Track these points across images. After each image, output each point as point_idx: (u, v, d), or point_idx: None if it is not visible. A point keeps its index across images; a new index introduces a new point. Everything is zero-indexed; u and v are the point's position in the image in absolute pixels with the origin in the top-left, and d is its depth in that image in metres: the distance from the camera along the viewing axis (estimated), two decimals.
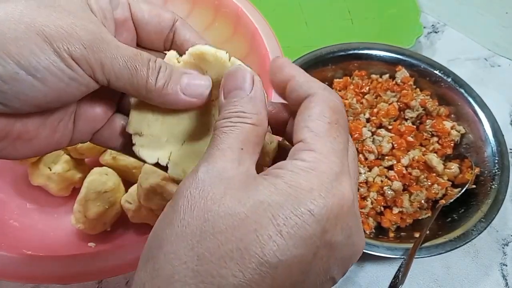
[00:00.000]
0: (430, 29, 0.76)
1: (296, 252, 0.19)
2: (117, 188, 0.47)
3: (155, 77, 0.25)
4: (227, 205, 0.20)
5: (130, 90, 0.25)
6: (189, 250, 0.19)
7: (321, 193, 0.20)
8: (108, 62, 0.23)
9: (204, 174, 0.21)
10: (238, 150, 0.22)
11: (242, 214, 0.20)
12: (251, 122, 0.23)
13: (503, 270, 0.52)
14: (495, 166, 0.51)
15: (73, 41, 0.22)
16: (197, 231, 0.19)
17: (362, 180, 0.51)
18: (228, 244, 0.19)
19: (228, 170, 0.21)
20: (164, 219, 0.21)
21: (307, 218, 0.20)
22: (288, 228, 0.19)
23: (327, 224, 0.20)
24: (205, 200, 0.20)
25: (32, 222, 0.47)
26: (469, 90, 0.57)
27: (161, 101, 0.26)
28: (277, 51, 0.46)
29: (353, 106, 0.56)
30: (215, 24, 0.54)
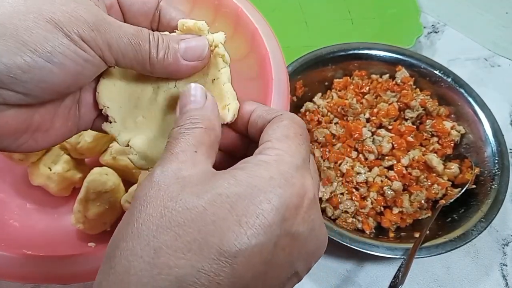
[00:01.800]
0: (430, 29, 0.76)
1: (256, 241, 0.19)
2: (117, 188, 0.47)
3: (155, 49, 0.25)
4: (185, 199, 0.20)
5: (136, 66, 0.26)
6: (145, 245, 0.19)
7: (280, 181, 0.21)
8: (114, 41, 0.24)
9: (158, 176, 0.21)
10: (192, 153, 0.23)
11: (200, 207, 0.20)
12: (202, 126, 0.24)
13: (503, 270, 0.52)
14: (495, 166, 0.51)
15: (80, 24, 0.23)
16: (153, 227, 0.20)
17: (362, 180, 0.51)
18: (186, 236, 0.19)
19: (182, 170, 0.22)
20: (122, 222, 0.21)
21: (266, 206, 0.20)
22: (247, 218, 0.19)
23: (287, 212, 0.20)
24: (161, 198, 0.20)
25: (32, 222, 0.47)
26: (469, 90, 0.57)
27: (165, 72, 0.27)
28: (277, 51, 0.46)
29: (353, 106, 0.56)
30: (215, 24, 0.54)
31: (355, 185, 0.52)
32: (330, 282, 0.50)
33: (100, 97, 0.28)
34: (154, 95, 0.28)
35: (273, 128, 0.24)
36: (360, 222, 0.51)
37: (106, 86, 0.28)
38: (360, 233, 0.49)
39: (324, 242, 0.24)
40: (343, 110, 0.57)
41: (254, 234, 0.19)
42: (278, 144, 0.23)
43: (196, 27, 0.28)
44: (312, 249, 0.23)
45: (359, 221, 0.51)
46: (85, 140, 0.47)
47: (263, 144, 0.24)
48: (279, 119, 0.25)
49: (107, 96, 0.28)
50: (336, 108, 0.57)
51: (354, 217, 0.51)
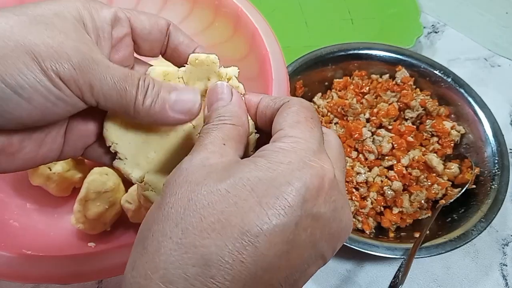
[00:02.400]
0: (430, 29, 0.76)
1: (277, 221, 0.20)
2: (117, 188, 0.47)
3: (143, 95, 0.25)
4: (209, 184, 0.21)
5: (118, 110, 0.25)
6: (173, 226, 0.20)
7: (299, 164, 0.21)
8: (97, 83, 0.24)
9: (187, 163, 0.22)
10: (220, 145, 0.23)
11: (223, 190, 0.21)
12: (231, 123, 0.25)
13: (503, 270, 0.52)
14: (495, 166, 0.51)
15: (62, 61, 0.22)
16: (181, 210, 0.21)
17: (362, 180, 0.51)
18: (210, 217, 0.20)
19: (210, 159, 0.22)
20: (154, 207, 0.23)
21: (285, 188, 0.20)
22: (267, 199, 0.20)
23: (307, 194, 0.21)
24: (188, 183, 0.21)
25: (32, 222, 0.47)
26: (469, 90, 0.57)
27: (149, 120, 0.26)
28: (277, 51, 0.46)
29: (353, 106, 0.56)
30: (215, 24, 0.54)
31: (355, 185, 0.52)
32: (330, 282, 0.50)
33: (108, 134, 0.27)
34: (164, 130, 0.28)
35: (283, 115, 0.25)
36: (360, 222, 0.51)
37: (114, 123, 0.27)
38: (360, 233, 0.49)
39: (349, 223, 0.24)
40: (343, 110, 0.57)
41: (275, 214, 0.20)
42: (291, 131, 0.23)
43: (209, 60, 0.27)
44: (336, 230, 0.23)
45: (359, 221, 0.51)
46: None
47: (276, 133, 0.24)
48: (287, 106, 0.25)
49: (115, 132, 0.27)
50: (336, 108, 0.57)
51: (354, 217, 0.51)
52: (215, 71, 0.28)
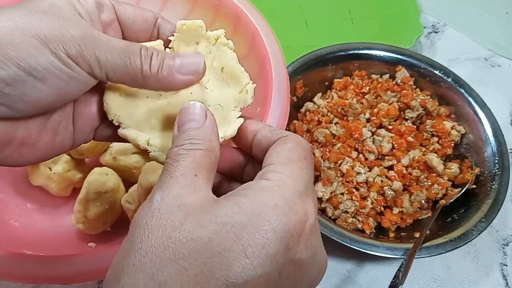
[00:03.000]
0: (430, 29, 0.76)
1: (262, 271, 0.19)
2: (117, 188, 0.47)
3: (148, 63, 0.25)
4: (188, 230, 0.19)
5: (127, 80, 0.26)
6: (149, 279, 0.19)
7: (284, 209, 0.21)
8: (103, 55, 0.24)
9: (159, 202, 0.21)
10: (192, 177, 0.22)
11: (205, 238, 0.19)
12: (203, 148, 0.23)
13: (503, 270, 0.52)
14: (495, 166, 0.51)
15: (67, 40, 0.23)
16: (156, 259, 0.19)
17: (362, 180, 0.51)
18: (191, 269, 0.19)
19: (183, 197, 0.21)
20: (121, 252, 0.21)
21: (271, 236, 0.20)
22: (253, 248, 0.19)
23: (291, 240, 0.20)
24: (163, 228, 0.20)
25: (32, 222, 0.47)
26: (469, 90, 0.57)
27: (159, 86, 0.26)
28: (277, 51, 0.46)
29: (353, 106, 0.56)
30: (215, 24, 0.54)
31: (355, 185, 0.52)
32: (330, 282, 0.50)
33: (109, 108, 0.28)
34: (164, 99, 0.28)
35: (277, 150, 0.24)
36: (360, 222, 0.51)
37: (112, 97, 0.28)
38: (360, 233, 0.49)
39: (325, 265, 0.24)
40: (343, 110, 0.57)
41: (260, 264, 0.19)
42: (280, 168, 0.23)
43: (195, 25, 0.28)
44: (314, 274, 0.23)
45: (359, 221, 0.51)
46: None
47: (266, 167, 0.23)
48: (283, 141, 0.25)
49: (115, 106, 0.28)
50: (336, 108, 0.57)
51: (354, 217, 0.51)
52: (203, 35, 0.28)
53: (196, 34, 0.28)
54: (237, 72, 0.28)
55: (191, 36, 0.29)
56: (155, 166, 0.46)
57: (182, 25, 0.28)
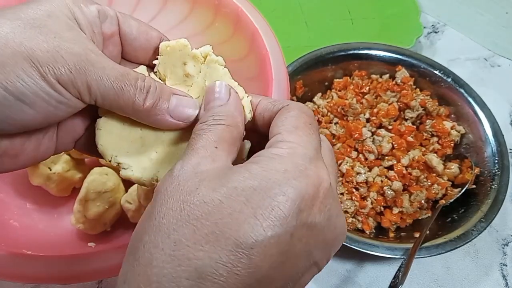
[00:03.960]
0: (430, 29, 0.76)
1: (272, 232, 0.20)
2: (117, 188, 0.47)
3: (142, 97, 0.25)
4: (202, 194, 0.21)
5: (116, 109, 0.25)
6: (166, 237, 0.20)
7: (295, 173, 0.21)
8: (94, 83, 0.24)
9: (178, 171, 0.22)
10: (212, 149, 0.23)
11: (217, 201, 0.20)
12: (225, 123, 0.24)
13: (503, 270, 0.52)
14: (495, 166, 0.51)
15: (59, 65, 0.22)
16: (173, 220, 0.20)
17: (362, 180, 0.51)
18: (203, 229, 0.20)
19: (201, 165, 0.22)
20: (144, 215, 0.22)
21: (281, 199, 0.20)
22: (262, 210, 0.20)
23: (302, 204, 0.21)
24: (180, 192, 0.21)
25: (32, 222, 0.47)
26: (469, 90, 0.57)
27: (149, 121, 0.26)
28: (277, 51, 0.46)
29: (353, 106, 0.56)
30: (215, 24, 0.54)
31: (355, 185, 0.52)
32: (330, 282, 0.50)
33: (104, 150, 0.27)
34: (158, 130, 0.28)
35: (282, 119, 0.24)
36: (360, 222, 0.51)
37: (105, 137, 0.27)
38: (360, 233, 0.49)
39: (343, 230, 0.24)
40: (343, 110, 0.57)
41: (270, 225, 0.20)
42: (289, 136, 0.23)
43: (180, 44, 0.27)
44: (330, 238, 0.23)
45: (359, 221, 0.51)
46: None
47: (274, 137, 0.24)
48: (286, 110, 0.25)
49: (110, 146, 0.27)
50: (336, 108, 0.57)
51: (354, 217, 0.51)
52: (189, 54, 0.27)
53: (181, 54, 0.27)
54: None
55: (177, 57, 0.28)
56: None
57: (166, 46, 0.28)
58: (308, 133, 0.24)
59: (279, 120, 0.25)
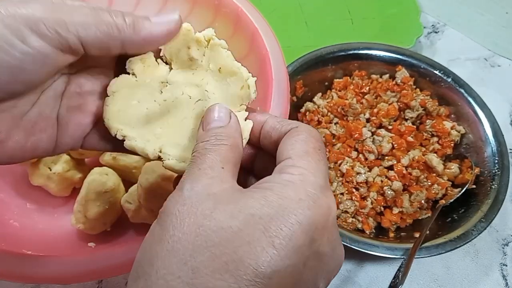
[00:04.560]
0: (430, 29, 0.76)
1: (289, 262, 0.20)
2: (117, 188, 0.47)
3: (121, 18, 0.24)
4: (219, 219, 0.20)
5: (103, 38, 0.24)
6: (182, 264, 0.19)
7: (309, 203, 0.21)
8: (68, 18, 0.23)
9: (189, 191, 0.22)
10: (219, 169, 0.23)
11: (235, 228, 0.20)
12: (228, 143, 0.24)
13: (503, 270, 0.52)
14: (495, 166, 0.51)
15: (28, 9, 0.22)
16: (189, 246, 0.20)
17: (362, 180, 0.51)
18: (222, 257, 0.19)
19: (212, 187, 0.22)
20: (153, 237, 0.21)
21: (297, 228, 0.20)
22: (280, 239, 0.20)
23: (315, 233, 0.21)
24: (195, 216, 0.20)
25: (32, 222, 0.47)
26: (469, 90, 0.57)
27: (138, 41, 0.25)
28: (277, 51, 0.46)
29: (353, 106, 0.56)
30: (215, 24, 0.54)
31: (355, 185, 0.52)
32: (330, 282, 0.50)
33: (110, 123, 0.28)
34: (164, 107, 0.28)
35: (292, 142, 0.24)
36: (360, 222, 0.51)
37: (112, 111, 0.28)
38: (360, 233, 0.49)
39: (342, 259, 0.24)
40: (343, 110, 0.57)
41: (287, 255, 0.20)
42: (299, 162, 0.23)
43: (184, 29, 0.28)
44: (333, 266, 0.23)
45: (359, 221, 0.51)
46: None
47: (284, 161, 0.24)
48: (296, 132, 0.25)
49: (116, 120, 0.28)
50: (336, 108, 0.57)
51: (354, 217, 0.51)
52: (192, 38, 0.28)
53: (185, 38, 0.28)
54: (235, 69, 0.28)
55: (181, 42, 0.28)
56: (155, 166, 0.46)
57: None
58: (317, 159, 0.24)
59: (289, 143, 0.24)
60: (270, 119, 0.27)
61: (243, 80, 0.28)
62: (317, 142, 0.25)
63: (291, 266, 0.20)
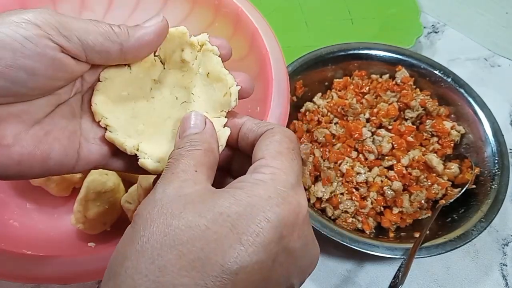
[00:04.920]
0: (430, 29, 0.76)
1: (256, 258, 0.20)
2: (117, 188, 0.47)
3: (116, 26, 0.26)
4: (187, 218, 0.20)
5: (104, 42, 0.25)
6: (150, 263, 0.20)
7: (278, 200, 0.21)
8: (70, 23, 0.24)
9: (161, 194, 0.22)
10: (192, 172, 0.23)
11: (203, 226, 0.20)
12: (201, 148, 0.25)
13: (503, 270, 0.52)
14: (495, 166, 0.51)
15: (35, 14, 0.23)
16: (157, 245, 0.20)
17: (362, 180, 0.51)
18: (189, 255, 0.20)
19: (184, 189, 0.22)
20: (125, 239, 0.22)
21: (265, 225, 0.21)
22: (247, 236, 0.20)
23: (284, 230, 0.21)
24: (164, 216, 0.21)
25: (32, 222, 0.47)
26: (469, 90, 0.57)
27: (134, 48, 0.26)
28: (277, 51, 0.46)
29: (353, 106, 0.56)
30: (215, 24, 0.54)
31: (355, 185, 0.52)
32: (330, 282, 0.50)
33: (97, 109, 0.28)
34: (150, 104, 0.29)
35: (266, 143, 0.25)
36: (360, 222, 0.51)
37: (101, 98, 0.28)
38: (360, 233, 0.49)
39: (317, 256, 0.25)
40: (343, 110, 0.57)
41: (255, 251, 0.20)
42: (272, 162, 0.23)
43: (179, 32, 0.29)
44: (306, 263, 0.24)
45: (359, 221, 0.51)
46: None
47: (257, 161, 0.24)
48: (271, 134, 0.26)
49: (103, 108, 0.28)
50: (336, 108, 0.57)
51: (354, 217, 0.51)
52: (187, 41, 0.29)
53: (180, 41, 0.29)
54: (222, 76, 0.29)
55: (175, 43, 0.29)
56: None
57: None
58: (290, 158, 0.24)
59: (263, 144, 0.25)
60: (248, 121, 0.28)
61: (227, 87, 0.29)
62: (291, 142, 0.25)
63: (259, 263, 0.20)
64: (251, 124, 0.28)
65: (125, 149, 0.28)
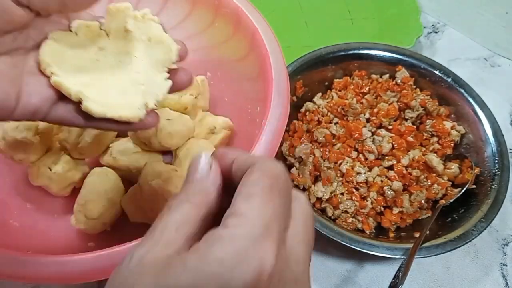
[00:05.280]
0: (430, 29, 0.76)
1: None
2: (117, 188, 0.47)
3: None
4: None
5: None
6: None
7: (232, 262, 0.19)
8: None
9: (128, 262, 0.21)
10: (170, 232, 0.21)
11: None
12: (193, 202, 0.23)
13: (503, 270, 0.52)
14: (495, 166, 0.51)
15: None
16: None
17: (362, 180, 0.51)
18: None
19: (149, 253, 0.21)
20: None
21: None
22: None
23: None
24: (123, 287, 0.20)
25: (32, 222, 0.47)
26: (469, 90, 0.57)
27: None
28: (277, 51, 0.46)
29: (353, 106, 0.56)
30: (215, 24, 0.54)
31: (355, 185, 0.52)
32: (330, 282, 0.50)
33: (43, 59, 0.29)
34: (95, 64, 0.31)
35: (240, 185, 0.22)
36: (360, 222, 0.51)
37: (48, 49, 0.29)
38: (360, 233, 0.49)
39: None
40: (343, 110, 0.57)
41: None
42: (241, 207, 0.21)
43: (123, 7, 0.31)
44: None
45: (359, 221, 0.51)
46: (85, 140, 0.47)
47: (228, 209, 0.22)
48: (249, 173, 0.23)
49: (49, 58, 0.29)
50: (336, 108, 0.57)
51: (354, 217, 0.51)
52: (130, 15, 0.31)
53: (124, 14, 0.31)
54: (163, 38, 0.31)
55: (120, 17, 0.31)
56: (156, 166, 0.46)
57: (112, 8, 0.32)
58: (264, 200, 0.21)
59: (240, 185, 0.22)
60: (239, 157, 0.25)
61: (168, 47, 0.31)
62: (269, 179, 0.22)
63: None
64: (242, 160, 0.25)
65: (69, 94, 0.28)
